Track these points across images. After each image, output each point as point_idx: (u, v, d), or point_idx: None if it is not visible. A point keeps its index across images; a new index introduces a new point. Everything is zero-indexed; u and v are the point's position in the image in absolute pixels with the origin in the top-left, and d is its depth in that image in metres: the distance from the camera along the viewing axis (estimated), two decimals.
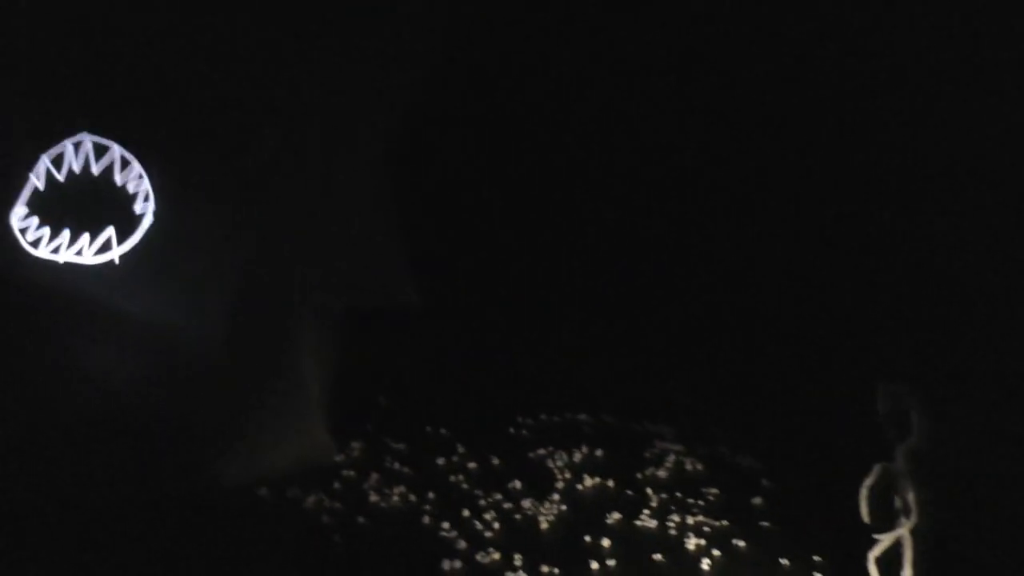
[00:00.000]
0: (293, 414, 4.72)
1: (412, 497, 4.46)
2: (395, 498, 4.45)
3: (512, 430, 5.43)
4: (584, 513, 4.35)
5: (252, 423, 4.59)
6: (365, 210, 5.25)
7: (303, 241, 4.81)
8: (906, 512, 3.43)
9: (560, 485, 4.66)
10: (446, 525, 4.17)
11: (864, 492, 3.56)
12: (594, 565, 3.83)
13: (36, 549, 3.83)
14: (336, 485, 4.56)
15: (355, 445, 5.02)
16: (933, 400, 3.39)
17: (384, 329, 5.84)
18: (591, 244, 6.15)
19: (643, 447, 5.15)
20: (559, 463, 4.93)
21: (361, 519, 4.23)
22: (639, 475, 4.79)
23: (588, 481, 4.71)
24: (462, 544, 4.00)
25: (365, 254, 5.35)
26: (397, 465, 4.83)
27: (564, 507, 4.41)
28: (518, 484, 4.63)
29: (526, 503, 4.42)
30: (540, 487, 4.61)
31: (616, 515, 4.30)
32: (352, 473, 4.71)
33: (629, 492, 4.59)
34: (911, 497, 3.42)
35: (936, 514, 3.45)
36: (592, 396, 5.84)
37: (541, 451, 5.07)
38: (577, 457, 5.01)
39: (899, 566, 3.48)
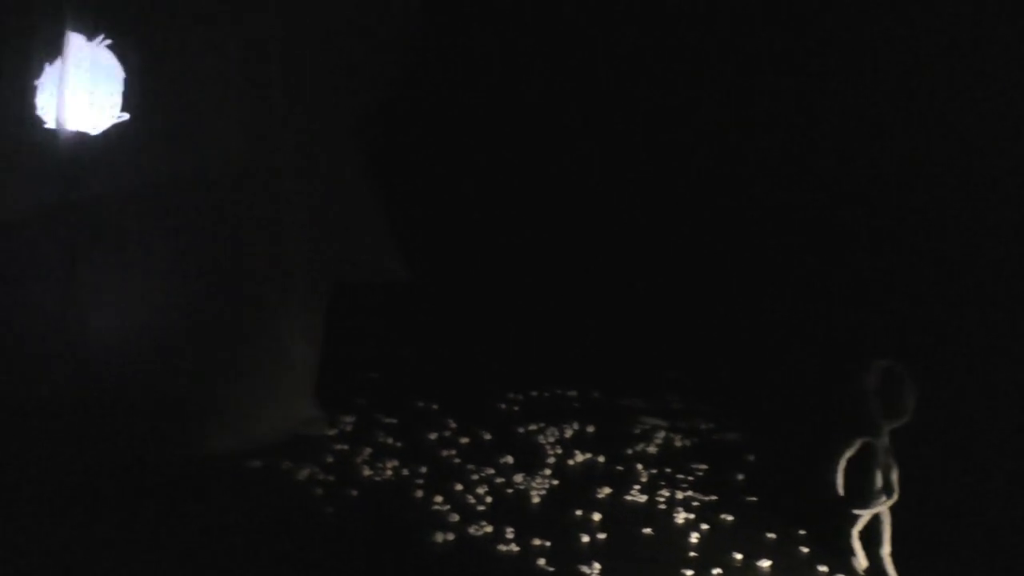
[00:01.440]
0: (284, 388, 4.75)
1: (404, 471, 4.51)
2: (388, 471, 4.49)
3: (503, 406, 5.49)
4: (574, 488, 4.41)
5: (243, 398, 4.62)
6: (353, 185, 5.27)
7: (292, 217, 4.82)
8: (888, 490, 3.50)
9: (551, 460, 4.72)
10: (439, 499, 4.21)
11: (842, 465, 3.60)
12: (584, 538, 3.89)
13: (23, 523, 3.84)
14: (329, 459, 4.60)
15: (347, 419, 5.07)
16: (922, 379, 3.45)
17: (375, 305, 5.87)
18: (580, 222, 6.18)
19: (632, 423, 5.22)
20: (550, 439, 4.99)
21: (354, 492, 4.28)
22: (628, 451, 4.86)
23: (578, 456, 4.77)
24: (454, 517, 4.05)
25: (354, 229, 5.37)
26: (389, 439, 4.88)
27: (555, 482, 4.48)
28: (509, 459, 4.69)
29: (517, 477, 4.47)
30: (531, 462, 4.67)
31: (606, 490, 4.37)
32: (345, 447, 4.75)
33: (619, 467, 4.67)
34: (895, 475, 3.48)
35: (916, 491, 3.53)
36: (581, 373, 5.90)
37: (532, 427, 5.13)
38: (567, 433, 5.08)
39: (878, 540, 3.57)
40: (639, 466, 4.66)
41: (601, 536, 3.93)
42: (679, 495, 4.33)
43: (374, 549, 3.80)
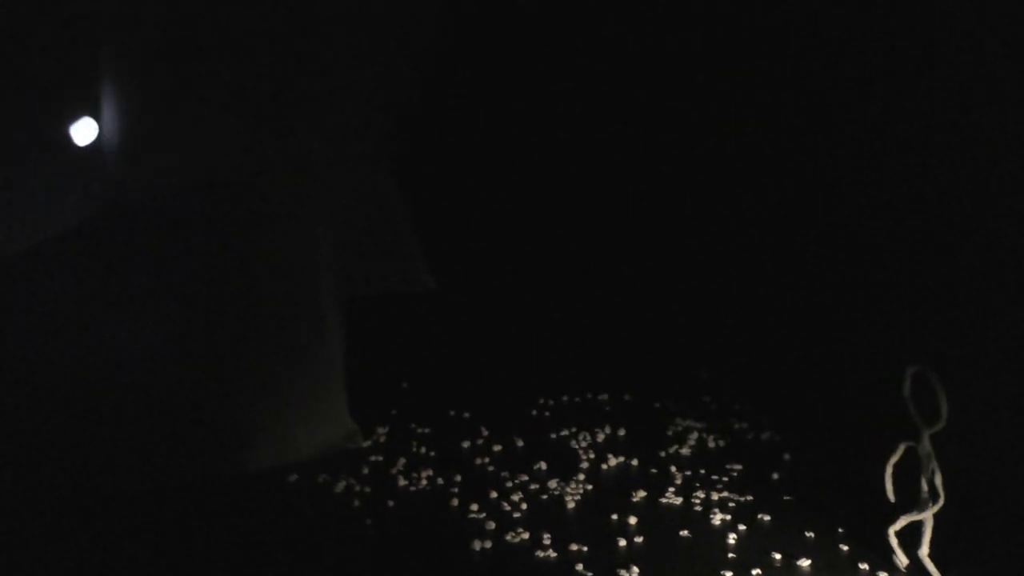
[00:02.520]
0: (319, 401, 4.80)
1: (440, 480, 4.54)
2: (423, 481, 4.53)
3: (534, 412, 5.50)
4: (609, 492, 4.42)
5: (279, 410, 4.68)
6: (381, 195, 5.32)
7: (323, 228, 4.87)
8: (933, 496, 3.51)
9: (584, 465, 4.73)
10: (475, 507, 4.24)
11: (889, 470, 3.66)
12: (622, 543, 3.90)
13: (62, 536, 3.92)
14: (365, 470, 4.64)
15: (380, 431, 5.11)
16: (955, 383, 3.43)
17: (402, 314, 5.92)
18: (607, 224, 6.18)
19: (665, 426, 5.21)
20: (582, 444, 5.00)
21: (391, 503, 4.31)
22: (662, 453, 4.85)
23: (612, 460, 4.78)
24: (491, 525, 4.08)
25: (382, 239, 5.41)
26: (423, 449, 4.91)
27: (590, 487, 4.48)
28: (543, 465, 4.70)
29: (552, 483, 4.49)
30: (565, 468, 4.68)
31: (641, 493, 4.37)
32: (380, 458, 4.79)
33: (653, 470, 4.66)
34: (938, 481, 3.49)
35: (956, 493, 3.53)
36: (612, 376, 5.90)
37: (564, 432, 5.14)
38: (600, 437, 5.08)
39: (917, 541, 3.56)
40: (673, 468, 4.65)
41: (638, 540, 3.93)
42: (715, 496, 4.32)
43: (413, 559, 3.83)
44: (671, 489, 4.42)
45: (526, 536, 3.98)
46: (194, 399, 4.48)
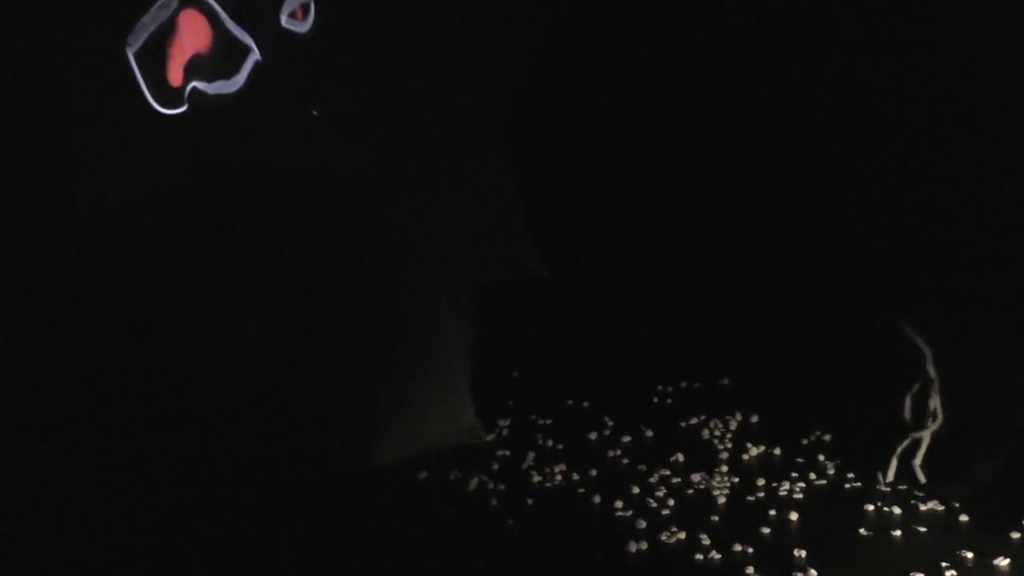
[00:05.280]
0: (443, 395, 4.61)
1: (575, 475, 4.31)
2: (558, 477, 4.30)
3: (656, 399, 5.25)
4: (759, 486, 4.15)
5: (403, 407, 4.49)
6: (491, 182, 5.11)
7: (437, 218, 4.67)
8: (933, 416, 4.03)
9: (724, 456, 4.47)
10: (619, 504, 4.00)
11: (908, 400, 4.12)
12: (798, 553, 3.53)
13: (188, 533, 3.77)
14: (495, 466, 4.42)
15: (502, 423, 4.89)
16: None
17: (511, 302, 5.66)
18: (724, 208, 5.83)
19: (798, 410, 4.91)
20: (716, 432, 4.74)
21: (530, 501, 4.09)
22: (804, 441, 4.57)
23: (752, 450, 4.51)
24: (642, 524, 3.84)
25: (492, 227, 5.21)
26: (550, 442, 4.68)
27: (735, 479, 4.22)
28: (680, 456, 4.45)
29: (696, 477, 4.24)
30: (704, 459, 4.43)
31: (797, 484, 4.10)
32: (507, 452, 4.57)
33: (799, 459, 4.38)
34: (938, 403, 4.03)
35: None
36: (731, 359, 5.60)
37: (693, 420, 4.88)
38: (733, 424, 4.82)
39: (913, 453, 4.03)
40: (821, 457, 4.37)
41: (806, 538, 3.65)
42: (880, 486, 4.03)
43: (568, 563, 3.61)
44: (823, 481, 4.15)
45: (682, 536, 3.73)
46: (316, 396, 4.30)
